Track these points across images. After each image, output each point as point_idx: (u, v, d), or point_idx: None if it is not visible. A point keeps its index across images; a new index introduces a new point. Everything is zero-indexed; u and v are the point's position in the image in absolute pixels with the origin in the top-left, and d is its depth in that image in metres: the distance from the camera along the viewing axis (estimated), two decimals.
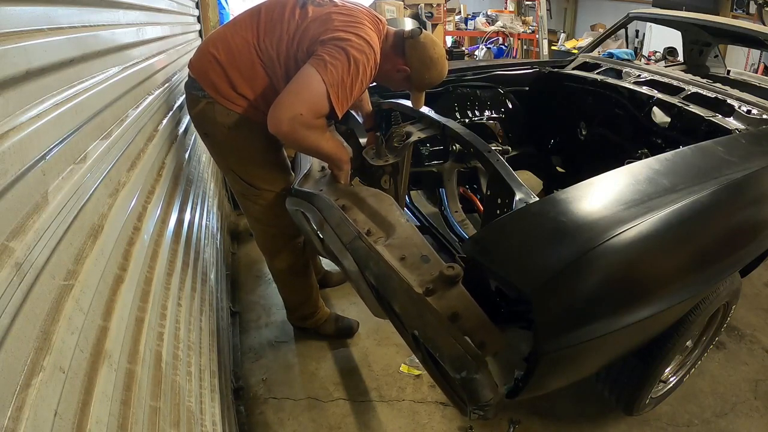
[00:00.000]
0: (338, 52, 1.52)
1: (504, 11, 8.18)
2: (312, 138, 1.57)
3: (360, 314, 2.30)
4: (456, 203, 2.40)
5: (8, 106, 0.67)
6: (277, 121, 1.48)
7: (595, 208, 1.24)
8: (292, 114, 1.47)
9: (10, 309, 0.57)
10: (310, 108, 1.50)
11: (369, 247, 1.32)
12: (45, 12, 0.87)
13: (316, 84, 1.49)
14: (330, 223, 1.51)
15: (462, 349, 1.06)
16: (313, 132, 1.55)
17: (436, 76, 1.76)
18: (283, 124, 1.48)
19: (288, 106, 1.48)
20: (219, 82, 1.64)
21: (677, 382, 1.85)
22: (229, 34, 1.67)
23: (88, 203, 0.86)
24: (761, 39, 2.40)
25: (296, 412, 1.89)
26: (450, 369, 1.09)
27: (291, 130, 1.49)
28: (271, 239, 1.99)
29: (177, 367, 1.14)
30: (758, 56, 5.84)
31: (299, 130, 1.51)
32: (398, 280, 1.21)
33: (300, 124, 1.49)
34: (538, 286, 1.09)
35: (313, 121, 1.52)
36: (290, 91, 1.50)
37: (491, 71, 2.83)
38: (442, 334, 1.09)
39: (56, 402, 0.62)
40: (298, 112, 1.47)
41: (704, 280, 1.32)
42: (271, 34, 1.63)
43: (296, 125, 1.49)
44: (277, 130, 1.49)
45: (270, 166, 1.83)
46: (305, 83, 1.50)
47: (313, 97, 1.49)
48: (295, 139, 1.54)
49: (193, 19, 3.02)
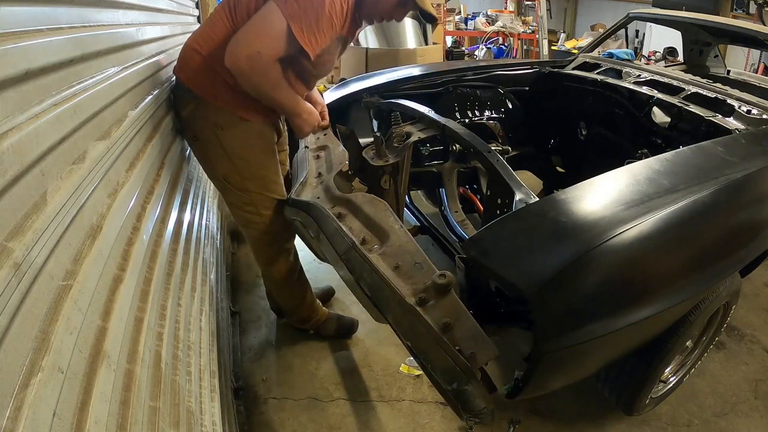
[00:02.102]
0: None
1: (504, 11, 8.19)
2: (269, 77, 1.47)
3: (360, 314, 2.30)
4: (456, 203, 2.39)
5: (7, 106, 0.67)
6: (234, 58, 1.39)
7: (595, 208, 1.24)
8: (248, 51, 1.38)
9: (9, 309, 0.57)
10: (270, 46, 1.40)
11: (363, 258, 1.32)
12: (45, 12, 0.87)
13: (275, 18, 1.38)
14: (325, 233, 1.50)
15: (452, 362, 1.06)
16: (269, 71, 1.45)
17: None
18: (241, 60, 1.39)
19: (245, 43, 1.39)
20: (205, 79, 1.56)
21: (677, 382, 1.85)
22: (207, 28, 1.60)
23: (87, 203, 0.86)
24: (761, 39, 2.40)
25: (296, 412, 1.88)
26: (441, 381, 1.10)
27: (247, 68, 1.41)
28: (267, 247, 1.93)
29: (176, 367, 1.14)
30: (758, 56, 5.85)
31: (256, 69, 1.42)
32: (390, 291, 1.20)
33: (257, 62, 1.40)
34: (538, 287, 1.09)
35: (271, 64, 1.43)
36: (248, 27, 1.40)
37: (491, 71, 2.83)
38: (434, 346, 1.09)
39: (55, 402, 0.62)
40: (255, 50, 1.38)
41: (704, 280, 1.32)
42: (241, 5, 1.53)
43: (253, 64, 1.40)
44: (233, 66, 1.41)
45: (264, 169, 1.74)
46: (262, 17, 1.40)
47: (272, 31, 1.39)
48: (252, 81, 1.46)
49: (193, 19, 3.02)
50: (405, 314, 1.16)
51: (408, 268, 1.26)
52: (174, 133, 1.79)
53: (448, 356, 1.07)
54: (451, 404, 1.29)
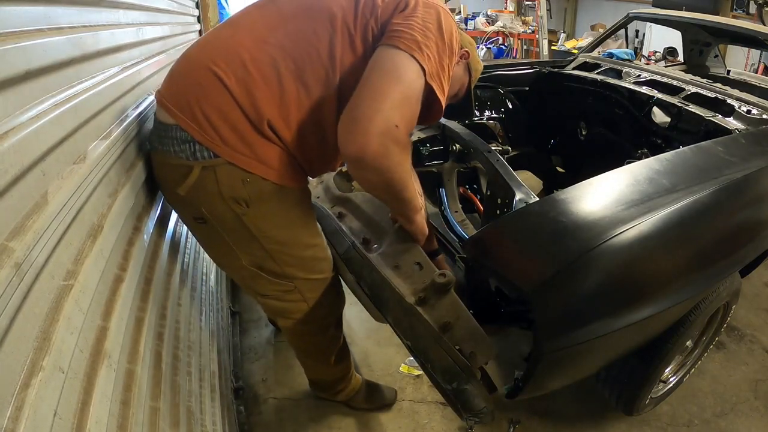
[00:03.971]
0: (428, 14, 1.04)
1: (504, 11, 8.18)
2: (404, 166, 1.04)
3: (360, 314, 2.30)
4: (456, 203, 2.39)
5: (8, 106, 0.67)
6: (362, 139, 0.93)
7: (595, 208, 1.24)
8: (385, 126, 0.94)
9: (10, 309, 0.57)
10: (407, 116, 0.99)
11: (363, 258, 1.32)
12: (45, 12, 0.87)
13: (412, 76, 0.99)
14: (325, 233, 1.50)
15: (452, 361, 1.06)
16: (406, 155, 1.04)
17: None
18: (372, 141, 0.93)
19: (377, 114, 0.94)
20: (230, 125, 1.05)
21: (677, 382, 1.85)
22: (234, 41, 1.09)
23: (88, 203, 0.86)
24: (761, 39, 2.40)
25: (296, 412, 1.88)
26: (441, 380, 1.10)
27: (382, 151, 0.95)
28: (311, 336, 1.51)
29: (177, 367, 1.14)
30: (758, 56, 5.84)
31: (393, 152, 0.97)
32: (390, 290, 1.20)
33: (394, 141, 0.96)
34: (538, 286, 1.09)
35: (406, 138, 1.01)
36: (376, 90, 0.96)
37: (491, 71, 2.83)
38: (433, 346, 1.10)
39: (56, 402, 0.62)
40: (392, 123, 0.95)
41: (704, 280, 1.32)
42: (304, 19, 1.08)
43: (389, 144, 0.95)
44: (361, 152, 0.95)
45: (310, 249, 1.29)
46: (396, 76, 0.97)
47: (412, 97, 0.99)
48: (383, 166, 0.98)
49: (193, 19, 3.02)
50: (405, 314, 1.16)
51: (408, 267, 1.26)
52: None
53: (447, 356, 1.07)
54: (451, 404, 1.29)
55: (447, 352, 1.07)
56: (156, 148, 1.13)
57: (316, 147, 1.15)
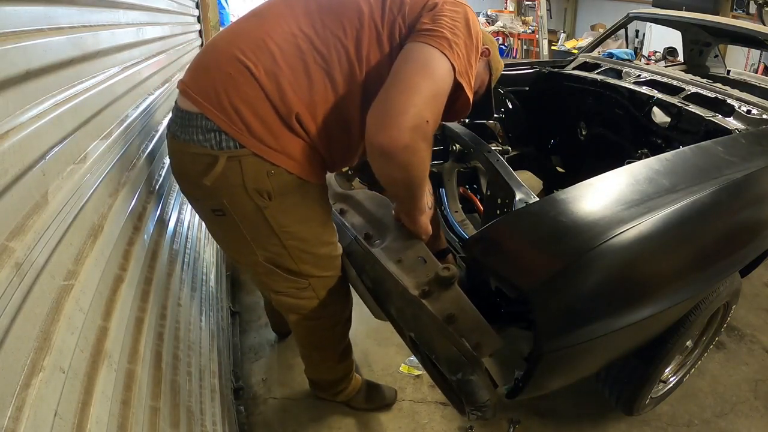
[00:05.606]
0: (455, 13, 1.06)
1: (504, 11, 8.18)
2: (427, 163, 1.06)
3: (360, 314, 2.30)
4: (456, 203, 2.39)
5: (8, 106, 0.67)
6: (395, 132, 0.94)
7: (595, 208, 1.24)
8: (417, 121, 0.95)
9: (10, 309, 0.57)
10: (435, 112, 1.00)
11: (365, 251, 1.32)
12: (45, 12, 0.87)
13: (443, 73, 1.00)
14: None
15: (457, 351, 1.06)
16: (429, 153, 1.05)
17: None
18: (404, 135, 0.94)
19: (410, 108, 0.94)
20: (258, 117, 1.04)
21: (677, 382, 1.85)
22: (261, 32, 1.07)
23: (88, 203, 0.86)
24: (761, 39, 2.40)
25: (296, 412, 1.88)
26: (446, 371, 1.09)
27: (412, 146, 0.96)
28: (322, 331, 1.53)
29: (177, 367, 1.14)
30: (758, 56, 5.84)
31: (420, 148, 0.99)
32: (394, 282, 1.21)
33: (423, 137, 0.98)
34: (538, 286, 1.09)
35: (432, 134, 1.02)
36: (408, 84, 0.96)
37: None
38: (438, 336, 1.09)
39: (56, 402, 0.62)
40: (424, 119, 0.96)
41: (704, 280, 1.32)
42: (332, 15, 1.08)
43: (419, 139, 0.97)
44: (392, 145, 0.95)
45: (326, 246, 1.29)
46: (429, 72, 0.98)
47: (441, 94, 1.01)
48: (409, 162, 0.99)
49: (193, 19, 3.02)
50: (408, 305, 1.16)
51: (411, 262, 1.26)
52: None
53: (453, 346, 1.07)
54: (453, 400, 1.28)
55: (452, 342, 1.07)
56: (177, 136, 1.11)
57: (338, 141, 1.16)
